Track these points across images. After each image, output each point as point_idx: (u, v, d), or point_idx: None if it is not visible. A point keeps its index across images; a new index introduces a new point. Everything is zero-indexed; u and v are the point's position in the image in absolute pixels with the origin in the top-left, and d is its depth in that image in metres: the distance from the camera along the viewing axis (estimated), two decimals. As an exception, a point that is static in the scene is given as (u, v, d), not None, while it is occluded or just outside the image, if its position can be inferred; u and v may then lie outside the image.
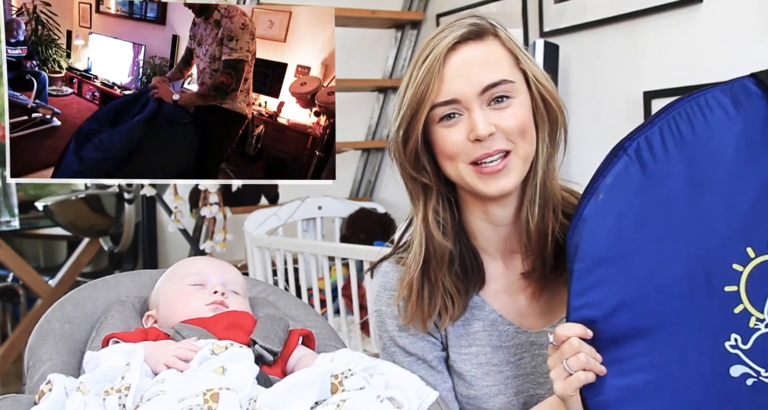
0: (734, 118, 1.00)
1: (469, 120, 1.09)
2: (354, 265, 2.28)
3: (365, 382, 0.97)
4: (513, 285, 1.22)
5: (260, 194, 3.17)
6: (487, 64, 1.10)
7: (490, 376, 1.20)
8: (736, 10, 2.01)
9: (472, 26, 1.12)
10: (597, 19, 2.33)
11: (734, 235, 0.98)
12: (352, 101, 3.32)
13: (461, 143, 1.10)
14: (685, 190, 1.00)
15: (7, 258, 3.52)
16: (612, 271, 1.01)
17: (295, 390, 0.95)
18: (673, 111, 1.02)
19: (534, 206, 1.14)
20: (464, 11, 2.79)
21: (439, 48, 1.10)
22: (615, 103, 2.30)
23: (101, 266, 4.38)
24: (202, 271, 1.25)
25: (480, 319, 1.21)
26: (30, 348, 1.20)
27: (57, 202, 3.81)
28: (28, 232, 4.48)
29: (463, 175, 1.12)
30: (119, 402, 0.93)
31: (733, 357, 0.98)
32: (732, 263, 0.98)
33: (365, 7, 2.94)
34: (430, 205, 1.17)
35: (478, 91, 1.09)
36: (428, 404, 1.02)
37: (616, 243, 1.01)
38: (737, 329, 0.98)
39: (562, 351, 1.01)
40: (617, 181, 1.02)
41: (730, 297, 0.98)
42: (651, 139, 1.01)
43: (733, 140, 0.99)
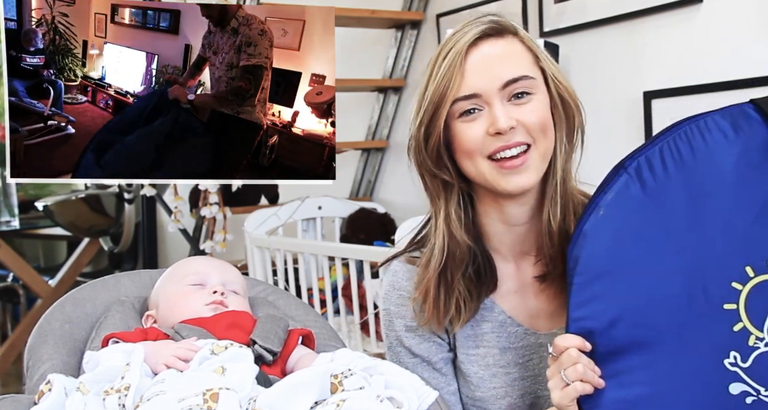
0: (733, 141, 1.01)
1: (490, 114, 1.09)
2: (354, 265, 2.28)
3: (365, 382, 0.97)
4: (524, 287, 1.21)
5: (260, 194, 3.17)
6: (508, 60, 1.11)
7: (498, 378, 1.20)
8: (736, 10, 2.01)
9: (493, 23, 1.12)
10: (597, 19, 2.33)
11: (733, 254, 0.98)
12: (352, 101, 3.32)
13: (480, 138, 1.10)
14: (685, 209, 1.01)
15: (7, 258, 3.52)
16: (611, 285, 1.02)
17: (295, 390, 0.95)
18: (674, 133, 1.03)
19: (556, 206, 1.14)
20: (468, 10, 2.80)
21: (460, 44, 1.10)
22: (615, 103, 2.30)
23: (101, 266, 4.38)
24: (202, 271, 1.25)
25: (489, 321, 1.21)
26: (30, 348, 1.20)
27: (57, 202, 3.81)
28: (28, 232, 4.48)
29: (483, 171, 1.11)
30: (119, 402, 0.93)
31: (732, 375, 0.98)
32: (731, 281, 0.98)
33: (365, 7, 2.94)
34: (452, 203, 1.17)
35: (499, 85, 1.09)
36: (428, 404, 1.02)
37: (616, 257, 1.02)
38: (736, 347, 0.98)
39: (561, 361, 1.02)
40: (617, 198, 1.03)
41: (729, 315, 0.98)
42: (651, 159, 1.03)
43: (732, 162, 1.00)
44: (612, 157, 1.18)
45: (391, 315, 1.23)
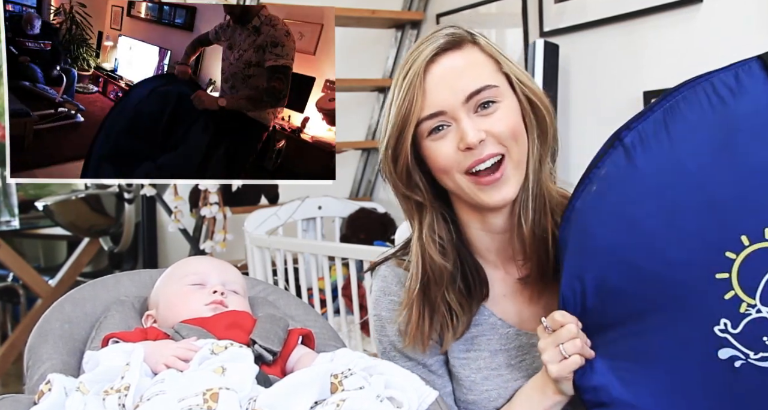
0: (736, 101, 0.99)
1: (458, 130, 1.08)
2: (354, 265, 2.28)
3: (365, 382, 0.97)
4: (513, 291, 1.21)
5: (260, 194, 3.17)
6: (468, 71, 1.09)
7: (490, 381, 1.19)
8: (736, 10, 2.01)
9: (449, 36, 1.10)
10: (597, 19, 2.33)
11: (729, 223, 0.98)
12: (352, 101, 3.32)
13: (452, 154, 1.09)
14: (679, 182, 0.99)
15: (7, 258, 3.52)
16: (601, 260, 1.03)
17: (295, 390, 0.94)
18: (671, 99, 1.01)
19: (527, 210, 1.13)
20: (468, 10, 2.80)
21: (418, 62, 1.08)
22: (615, 103, 2.30)
23: (101, 266, 4.38)
24: (202, 271, 1.25)
25: (480, 324, 1.21)
26: (30, 348, 1.20)
27: (57, 202, 3.81)
28: (28, 232, 4.48)
29: (462, 187, 1.11)
30: (119, 402, 0.93)
31: (722, 341, 0.99)
32: (725, 251, 0.98)
33: (365, 7, 2.94)
34: (425, 223, 1.16)
35: (463, 99, 1.07)
36: (428, 404, 1.02)
37: (607, 234, 1.03)
38: (726, 314, 0.99)
39: (559, 335, 1.05)
40: (611, 172, 1.03)
41: (721, 284, 0.98)
42: (647, 129, 1.01)
43: (730, 126, 0.98)
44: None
45: (383, 321, 1.23)
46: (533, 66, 2.39)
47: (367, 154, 3.22)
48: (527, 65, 2.45)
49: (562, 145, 2.46)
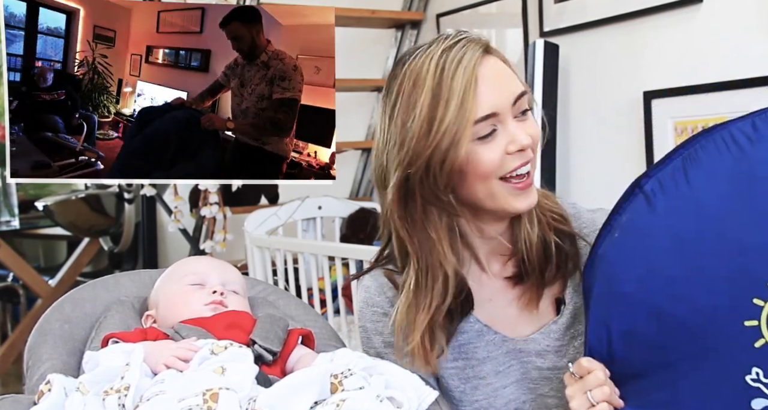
0: (754, 147, 0.99)
1: (506, 132, 1.06)
2: (354, 265, 2.28)
3: (365, 382, 0.97)
4: (497, 295, 1.20)
5: (260, 194, 3.17)
6: (510, 75, 1.09)
7: (479, 390, 1.18)
8: (736, 10, 2.01)
9: (479, 41, 1.08)
10: (597, 19, 2.33)
11: (754, 269, 0.97)
12: (351, 101, 3.32)
13: (498, 158, 1.06)
14: (701, 227, 0.99)
15: (7, 258, 3.52)
16: (628, 307, 1.02)
17: (295, 390, 0.94)
18: (690, 146, 1.02)
19: (519, 218, 1.15)
20: (468, 10, 2.79)
21: (470, 62, 1.04)
22: (615, 103, 2.30)
23: (101, 266, 4.38)
24: (202, 271, 1.25)
25: (465, 332, 1.18)
26: (29, 348, 1.20)
27: (57, 202, 3.81)
28: (28, 232, 4.48)
29: (495, 192, 1.08)
30: (119, 402, 0.93)
31: (754, 391, 0.97)
32: (753, 297, 0.97)
33: (365, 7, 2.94)
34: (444, 235, 1.11)
35: (512, 101, 1.06)
36: (428, 404, 1.02)
37: (631, 280, 1.02)
38: (759, 363, 0.97)
39: (587, 382, 1.03)
40: (632, 219, 1.03)
41: (750, 332, 0.97)
42: (667, 176, 1.02)
43: (750, 173, 0.99)
44: (612, 156, 1.19)
45: (368, 332, 1.22)
46: (533, 66, 2.39)
47: (367, 154, 3.22)
48: (527, 65, 2.45)
49: (563, 144, 2.48)
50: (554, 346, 1.18)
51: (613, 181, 2.06)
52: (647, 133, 2.16)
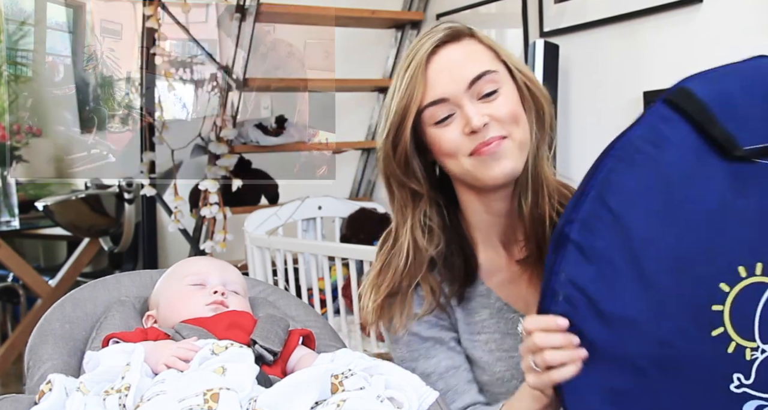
0: (661, 152, 0.94)
1: (462, 115, 1.12)
2: (354, 265, 2.28)
3: (365, 382, 0.97)
4: (517, 275, 1.23)
5: (260, 194, 3.17)
6: (468, 60, 1.13)
7: (503, 362, 1.21)
8: (736, 10, 2.01)
9: (448, 30, 1.15)
10: (597, 19, 2.33)
11: (703, 276, 0.94)
12: (352, 101, 3.32)
13: (458, 139, 1.12)
14: (642, 255, 0.93)
15: (7, 258, 3.52)
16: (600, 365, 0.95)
17: (295, 390, 0.95)
18: (599, 175, 0.95)
19: (527, 192, 1.17)
20: (468, 10, 2.80)
21: (420, 54, 1.13)
22: (615, 103, 2.30)
23: (101, 266, 4.38)
24: (202, 271, 1.25)
25: (486, 307, 1.23)
26: (30, 348, 1.20)
27: (57, 202, 3.81)
28: (28, 232, 4.48)
29: (467, 168, 1.14)
30: (119, 402, 0.93)
31: (742, 397, 0.96)
32: (711, 305, 0.94)
33: (365, 7, 2.94)
34: (418, 211, 1.20)
35: (465, 86, 1.11)
36: (428, 404, 1.02)
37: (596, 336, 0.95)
38: (736, 368, 0.95)
39: (527, 346, 0.98)
40: (570, 276, 0.95)
41: (719, 340, 0.95)
42: (586, 218, 0.95)
43: (665, 180, 0.94)
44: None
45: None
46: (533, 66, 2.39)
47: (367, 154, 3.22)
48: (527, 65, 2.45)
49: (563, 144, 2.47)
50: None
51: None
52: (647, 133, 2.17)
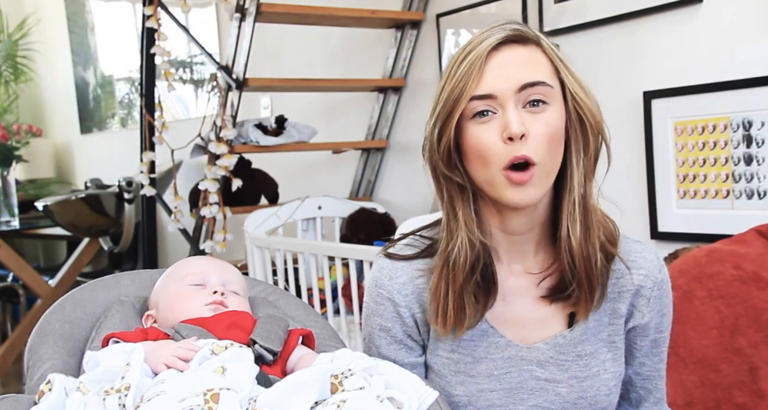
0: None
1: (503, 118, 1.06)
2: (354, 265, 2.28)
3: (365, 382, 0.97)
4: (511, 294, 1.18)
5: (260, 194, 3.17)
6: (527, 65, 1.09)
7: (463, 387, 1.17)
8: (736, 10, 2.01)
9: (516, 31, 1.10)
10: (597, 19, 2.33)
11: None
12: (352, 101, 3.32)
13: (494, 144, 1.06)
14: None
15: (7, 258, 3.53)
16: None
17: (295, 390, 0.94)
18: None
19: (575, 223, 1.10)
20: (468, 10, 2.79)
21: (482, 47, 1.08)
22: (615, 103, 2.30)
23: (101, 266, 4.39)
24: (202, 271, 1.25)
25: (468, 327, 1.17)
26: (30, 348, 1.20)
27: (57, 202, 3.82)
28: (28, 232, 4.49)
29: (495, 181, 1.08)
30: (119, 402, 0.93)
31: None
32: None
33: (365, 7, 2.94)
34: (467, 207, 1.13)
35: (516, 88, 1.06)
36: (428, 404, 1.02)
37: None
38: None
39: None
40: None
41: None
42: None
43: None
44: (612, 156, 1.18)
45: (370, 310, 1.22)
46: (533, 66, 2.39)
47: (367, 154, 3.22)
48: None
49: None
50: (558, 359, 1.16)
51: (614, 181, 2.06)
52: (647, 133, 2.16)
